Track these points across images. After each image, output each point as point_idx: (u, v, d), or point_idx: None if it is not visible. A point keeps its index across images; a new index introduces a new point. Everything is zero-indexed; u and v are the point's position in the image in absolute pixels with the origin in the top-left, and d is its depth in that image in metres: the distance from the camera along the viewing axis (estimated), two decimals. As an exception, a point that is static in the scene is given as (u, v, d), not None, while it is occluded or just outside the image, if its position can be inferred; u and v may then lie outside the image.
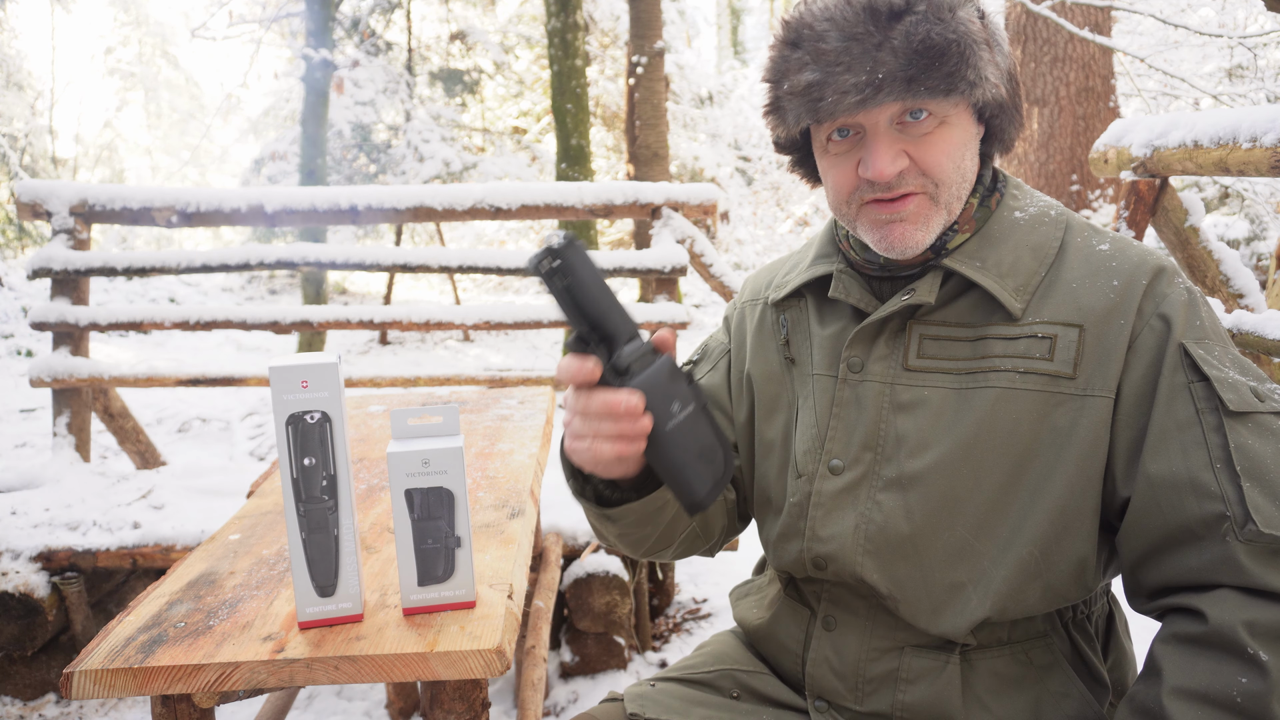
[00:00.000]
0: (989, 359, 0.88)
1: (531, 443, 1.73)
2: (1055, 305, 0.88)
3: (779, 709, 1.02)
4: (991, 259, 0.91)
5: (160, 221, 3.20)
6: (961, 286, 0.92)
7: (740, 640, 1.14)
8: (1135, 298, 0.85)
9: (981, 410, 0.87)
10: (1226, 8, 8.30)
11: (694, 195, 3.23)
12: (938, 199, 0.89)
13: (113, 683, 0.92)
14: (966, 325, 0.91)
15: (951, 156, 0.88)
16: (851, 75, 0.82)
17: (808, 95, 0.85)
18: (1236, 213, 8.30)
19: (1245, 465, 0.78)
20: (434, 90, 13.24)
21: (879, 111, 0.86)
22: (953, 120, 0.88)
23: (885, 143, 0.86)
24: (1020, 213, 0.94)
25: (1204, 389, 0.81)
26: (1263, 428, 0.80)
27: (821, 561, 0.96)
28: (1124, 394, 0.84)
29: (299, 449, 0.94)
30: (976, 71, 0.84)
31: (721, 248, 12.93)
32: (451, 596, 1.01)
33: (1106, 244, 0.91)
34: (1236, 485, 0.77)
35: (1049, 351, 0.86)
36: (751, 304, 1.12)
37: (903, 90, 0.82)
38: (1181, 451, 0.81)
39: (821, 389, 0.99)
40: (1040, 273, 0.90)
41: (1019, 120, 0.94)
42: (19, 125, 14.91)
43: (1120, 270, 0.87)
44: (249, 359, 9.23)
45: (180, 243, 18.53)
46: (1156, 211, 2.68)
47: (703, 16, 19.29)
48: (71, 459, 3.10)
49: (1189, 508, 0.79)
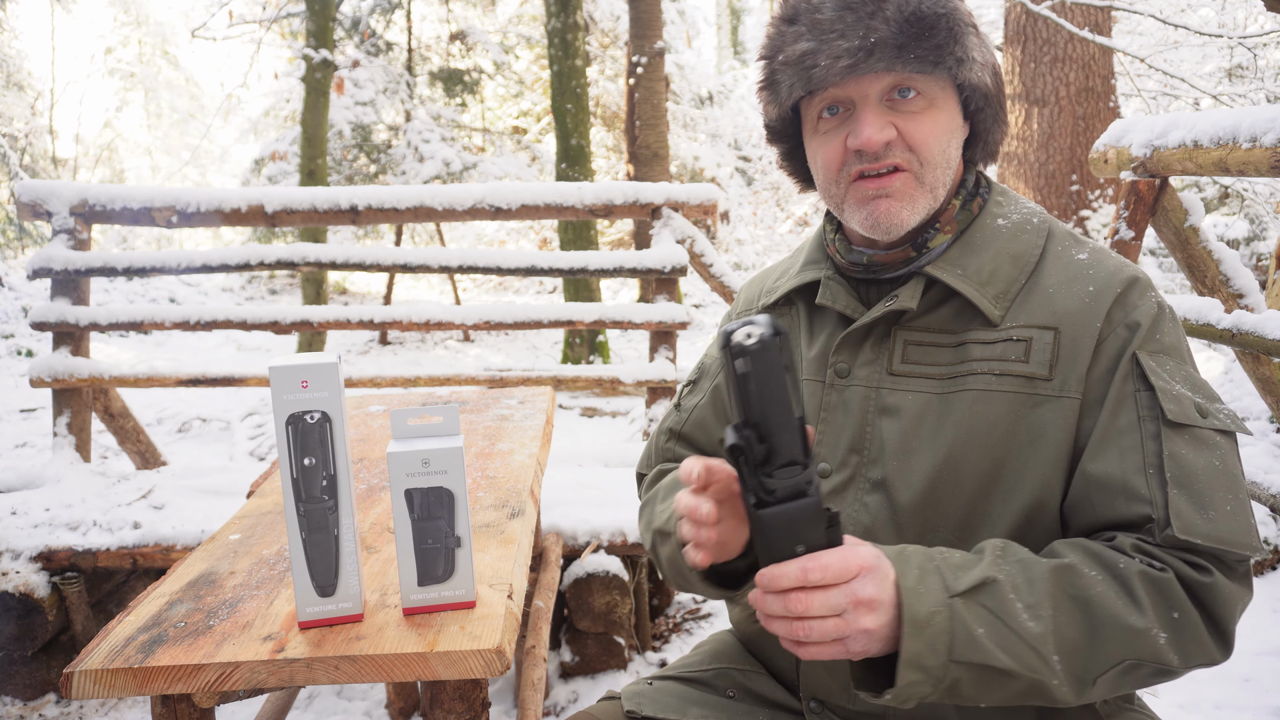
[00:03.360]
0: (968, 363, 0.91)
1: (531, 443, 1.73)
2: (1032, 310, 0.90)
3: (774, 708, 1.03)
4: (973, 266, 0.93)
5: (160, 221, 3.20)
6: (944, 294, 0.94)
7: (737, 640, 1.14)
8: (1106, 304, 0.88)
9: (961, 413, 0.90)
10: (1226, 8, 8.29)
11: (694, 195, 3.23)
12: (923, 179, 0.91)
13: (113, 683, 0.92)
14: (948, 331, 0.93)
15: (938, 137, 0.91)
16: (845, 41, 0.86)
17: (801, 64, 0.89)
18: (1236, 213, 8.30)
19: (1175, 473, 0.82)
20: (434, 90, 13.24)
21: (869, 83, 0.89)
22: (940, 104, 0.91)
23: (874, 113, 0.90)
24: (1003, 220, 0.96)
25: (1148, 398, 0.85)
26: (1200, 441, 0.84)
27: None
28: (1085, 396, 0.88)
29: (299, 449, 0.94)
30: (964, 49, 0.88)
31: (721, 248, 12.93)
32: (451, 596, 1.02)
33: (1085, 253, 0.93)
34: (1164, 491, 0.81)
35: (1024, 354, 0.89)
36: (745, 314, 1.14)
37: (893, 57, 0.86)
38: (1119, 455, 0.84)
39: (809, 394, 1.01)
40: (1020, 280, 0.92)
41: (1003, 123, 0.97)
42: (19, 125, 14.91)
43: (1096, 278, 0.90)
44: (249, 359, 9.24)
45: (180, 243, 18.52)
46: (1156, 211, 2.68)
47: (703, 16, 19.29)
48: (72, 459, 3.10)
49: (1118, 507, 0.84)
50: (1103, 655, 0.77)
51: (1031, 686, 0.77)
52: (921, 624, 0.74)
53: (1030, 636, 0.76)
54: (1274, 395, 2.65)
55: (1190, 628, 0.79)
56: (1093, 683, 0.78)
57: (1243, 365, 2.68)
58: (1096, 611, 0.78)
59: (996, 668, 0.76)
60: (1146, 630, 0.77)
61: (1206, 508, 0.81)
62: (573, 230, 8.08)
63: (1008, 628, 0.76)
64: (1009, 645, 0.76)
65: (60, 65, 36.55)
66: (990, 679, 0.77)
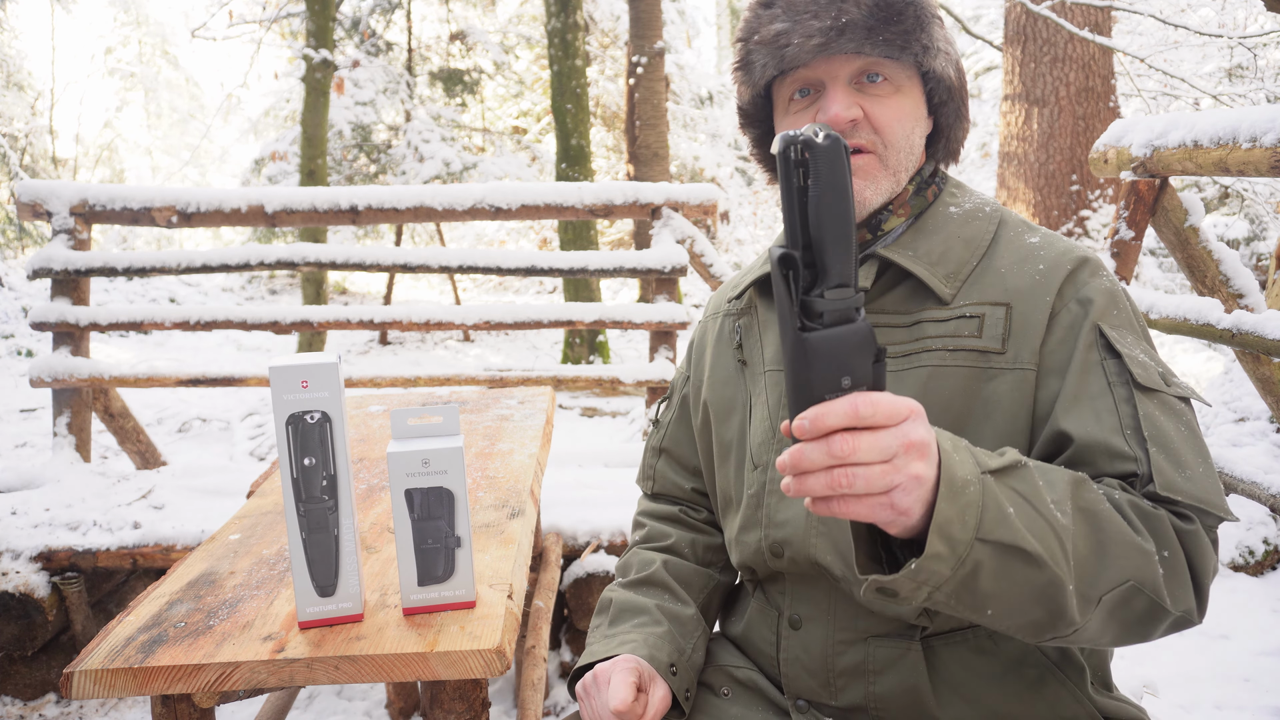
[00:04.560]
0: (922, 340, 0.93)
1: (531, 443, 1.73)
2: (984, 288, 0.93)
3: (768, 707, 1.03)
4: (924, 248, 0.96)
5: (160, 221, 3.20)
6: (898, 277, 0.97)
7: (729, 639, 1.15)
8: (1057, 281, 0.91)
9: (914, 390, 0.91)
10: (1226, 8, 8.30)
11: (694, 195, 3.23)
12: (886, 161, 0.95)
13: (113, 683, 0.92)
14: (902, 312, 0.95)
15: (902, 121, 0.95)
16: (817, 21, 0.91)
17: (775, 43, 0.93)
18: (1236, 213, 8.31)
19: (1152, 433, 0.83)
20: (434, 90, 13.24)
21: (840, 64, 0.93)
22: (906, 91, 0.95)
23: (843, 92, 0.94)
24: (955, 208, 1.00)
25: (1116, 365, 0.87)
26: (1167, 406, 0.86)
27: (778, 548, 0.98)
28: (1040, 366, 0.89)
29: (299, 449, 0.94)
30: (929, 37, 0.93)
31: (721, 248, 12.93)
32: (451, 596, 1.01)
33: (1037, 237, 0.97)
34: (1144, 449, 0.82)
35: (978, 330, 0.91)
36: (713, 318, 1.18)
37: (863, 39, 0.90)
38: (1094, 416, 0.85)
39: (773, 383, 1.03)
40: (972, 262, 0.95)
41: (964, 120, 1.01)
42: (19, 125, 14.91)
43: (1046, 257, 0.93)
44: (249, 359, 9.24)
45: (180, 243, 18.52)
46: (1156, 211, 2.68)
47: (703, 16, 19.31)
48: (71, 459, 3.10)
49: (1100, 465, 0.84)
50: (1112, 570, 0.75)
51: (1051, 584, 0.72)
52: (958, 488, 0.67)
53: (1057, 525, 0.73)
54: (1274, 395, 2.65)
55: (1179, 570, 0.78)
56: (1097, 601, 0.74)
57: (1243, 365, 2.68)
58: (1105, 526, 0.76)
59: (1024, 550, 0.70)
60: (1151, 554, 0.76)
61: (1183, 467, 0.82)
62: (573, 230, 8.08)
63: (1037, 512, 0.72)
64: (1037, 530, 0.71)
65: (60, 65, 36.57)
66: (1013, 565, 0.71)
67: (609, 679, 0.94)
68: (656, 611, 1.05)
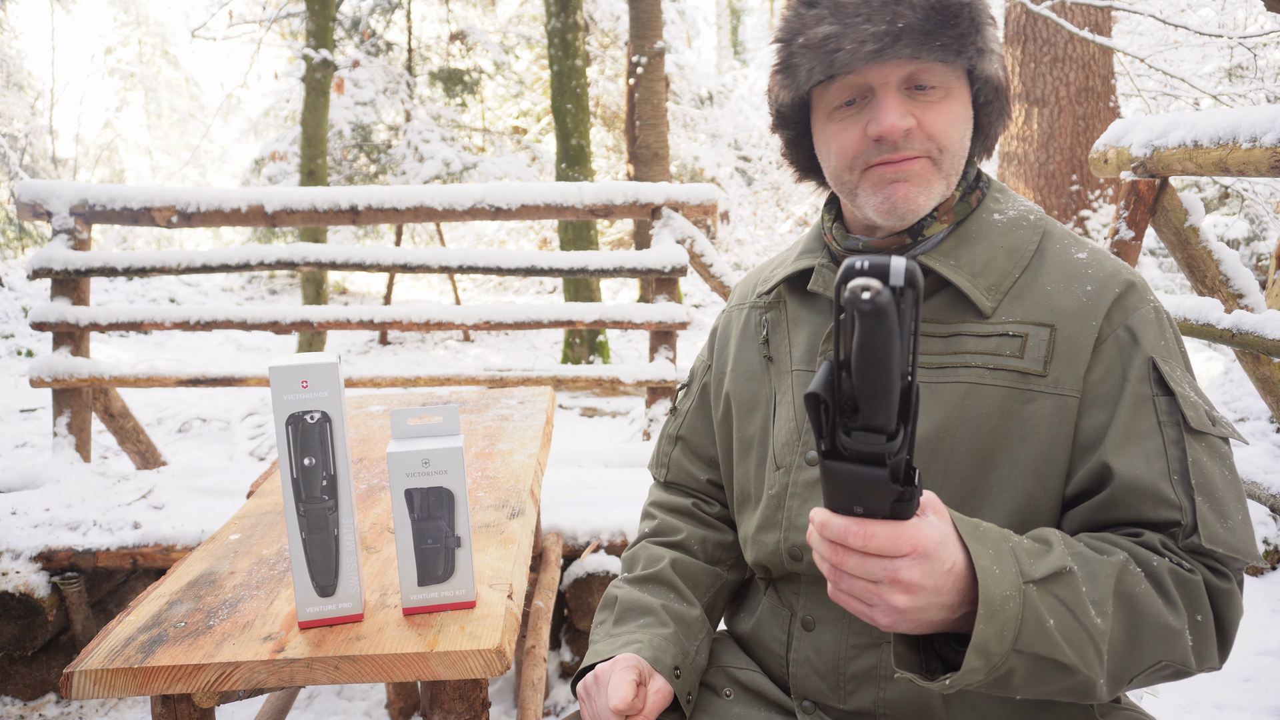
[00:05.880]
0: (961, 354, 0.91)
1: (531, 443, 1.73)
2: (1028, 306, 0.90)
3: (770, 708, 1.03)
4: (966, 258, 0.93)
5: (160, 221, 3.20)
6: (937, 284, 0.94)
7: (733, 640, 1.15)
8: (1105, 304, 0.88)
9: (950, 404, 0.89)
10: (1226, 8, 8.30)
11: (694, 195, 3.23)
12: (940, 164, 0.91)
13: (113, 683, 0.92)
14: (940, 321, 0.93)
15: (955, 125, 0.91)
16: (871, 25, 0.85)
17: (823, 47, 0.87)
18: (1236, 213, 8.31)
19: (1199, 480, 0.82)
20: (434, 90, 13.24)
21: (891, 70, 0.88)
22: (955, 94, 0.91)
23: (895, 100, 0.89)
24: (999, 215, 0.97)
25: (1168, 403, 0.85)
26: (1213, 450, 0.85)
27: (797, 551, 0.98)
28: (1084, 394, 0.87)
29: (299, 449, 0.94)
30: (984, 39, 0.89)
31: (721, 248, 12.92)
32: (451, 596, 1.01)
33: (1084, 253, 0.93)
34: (1190, 498, 0.81)
35: (1020, 350, 0.88)
36: (738, 308, 1.15)
37: (919, 44, 0.85)
38: (1143, 458, 0.84)
39: (800, 384, 1.01)
40: (1014, 274, 0.92)
41: (1006, 116, 0.97)
42: (19, 125, 14.91)
43: (1095, 278, 0.90)
44: (249, 359, 9.24)
45: (180, 243, 18.51)
46: (1156, 211, 2.68)
47: (703, 16, 19.29)
48: (71, 459, 3.10)
49: (1145, 510, 0.83)
50: (1142, 655, 0.77)
51: (1081, 684, 0.75)
52: (997, 607, 0.70)
53: (1096, 632, 0.74)
54: (1274, 395, 2.65)
55: (1207, 635, 0.80)
56: (1128, 682, 0.77)
57: (1243, 365, 2.68)
58: (1141, 610, 0.77)
59: (1059, 662, 0.73)
60: (1181, 632, 0.77)
61: (1226, 517, 0.81)
62: (573, 230, 8.08)
63: (1078, 621, 0.73)
64: (1075, 640, 0.73)
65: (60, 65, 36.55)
66: (1046, 673, 0.74)
67: (609, 679, 0.94)
68: (662, 612, 1.05)
